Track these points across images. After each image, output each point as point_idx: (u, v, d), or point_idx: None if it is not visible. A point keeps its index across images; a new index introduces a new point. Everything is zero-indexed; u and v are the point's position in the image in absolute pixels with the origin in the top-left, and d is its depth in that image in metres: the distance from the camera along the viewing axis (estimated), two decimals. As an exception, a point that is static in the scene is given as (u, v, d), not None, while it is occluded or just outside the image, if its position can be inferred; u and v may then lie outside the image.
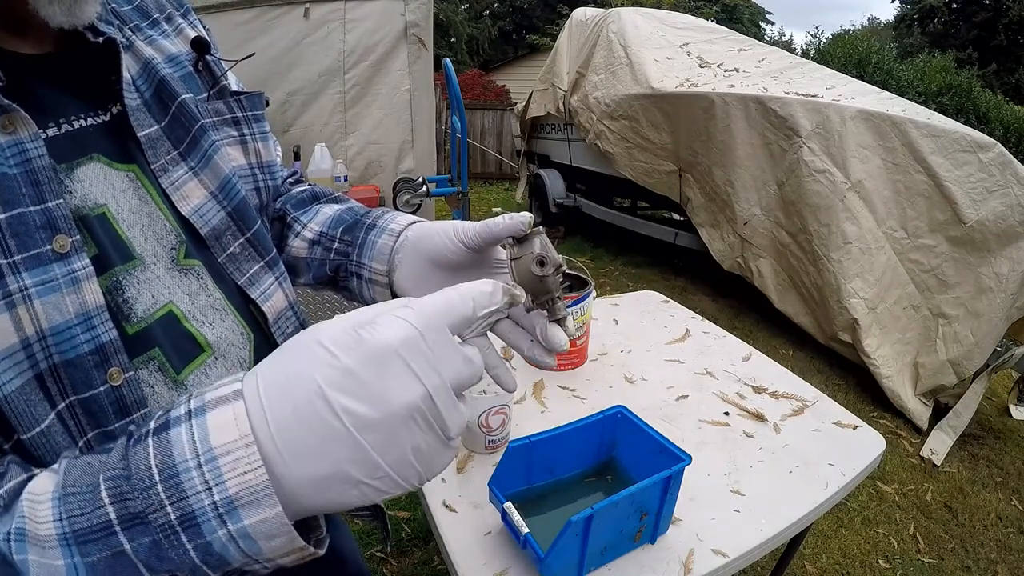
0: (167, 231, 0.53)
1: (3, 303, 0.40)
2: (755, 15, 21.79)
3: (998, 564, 2.00)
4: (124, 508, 0.32)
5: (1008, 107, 8.63)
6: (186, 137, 0.55)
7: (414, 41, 2.70)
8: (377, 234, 0.61)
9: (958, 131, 2.74)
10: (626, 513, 0.78)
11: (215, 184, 0.56)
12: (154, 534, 0.32)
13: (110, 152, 0.51)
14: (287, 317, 0.61)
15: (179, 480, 0.32)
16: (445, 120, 6.73)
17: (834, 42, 11.31)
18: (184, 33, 0.61)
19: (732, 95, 3.44)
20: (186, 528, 0.32)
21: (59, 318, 0.42)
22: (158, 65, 0.55)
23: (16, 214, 0.42)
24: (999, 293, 2.61)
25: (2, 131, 0.42)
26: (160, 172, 0.53)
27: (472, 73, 13.84)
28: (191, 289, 0.53)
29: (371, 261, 0.61)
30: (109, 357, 0.45)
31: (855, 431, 1.15)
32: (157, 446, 0.33)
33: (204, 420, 0.34)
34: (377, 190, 2.50)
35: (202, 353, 0.52)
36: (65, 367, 0.43)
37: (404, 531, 1.96)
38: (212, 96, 0.60)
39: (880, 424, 2.74)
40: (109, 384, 0.45)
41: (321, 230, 0.66)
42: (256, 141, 0.64)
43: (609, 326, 1.56)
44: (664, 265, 4.97)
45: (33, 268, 0.42)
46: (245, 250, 0.58)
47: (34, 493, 0.34)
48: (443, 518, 0.89)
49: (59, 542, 0.32)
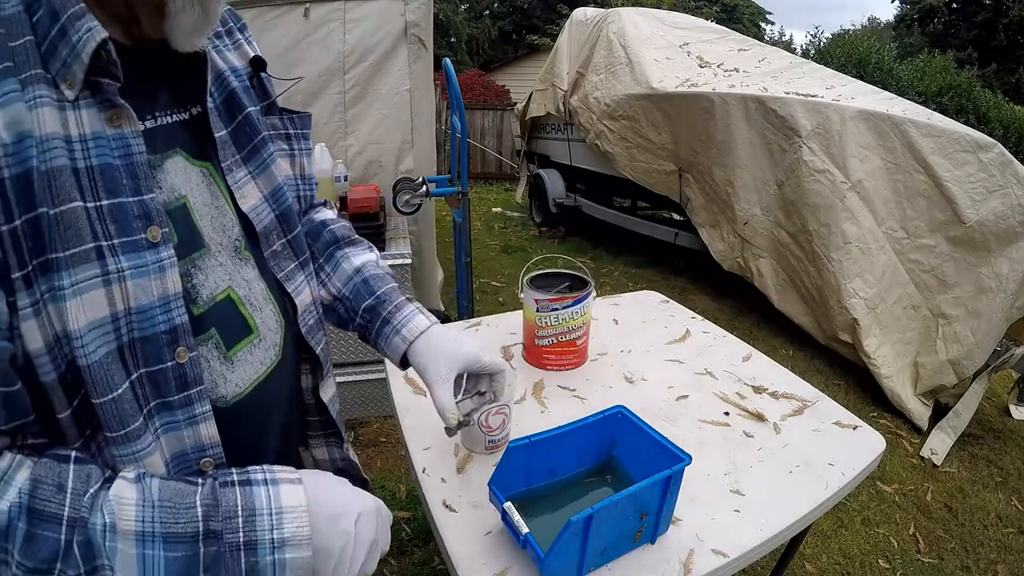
0: (232, 224, 0.61)
1: (102, 280, 0.47)
2: (755, 15, 21.78)
3: (998, 564, 2.00)
4: (207, 526, 0.47)
5: (1008, 107, 8.62)
6: (248, 144, 0.63)
7: (414, 41, 2.70)
8: (391, 333, 0.76)
9: (958, 131, 2.73)
10: (626, 513, 0.78)
11: (268, 189, 0.65)
12: (221, 547, 0.47)
13: (189, 148, 0.58)
14: (311, 311, 0.69)
15: (255, 519, 0.49)
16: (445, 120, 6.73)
17: (834, 42, 11.31)
18: (242, 49, 0.69)
19: (732, 95, 3.44)
20: (247, 549, 0.48)
21: (145, 299, 0.50)
22: (228, 77, 0.63)
23: (118, 203, 0.49)
24: (999, 293, 2.61)
25: (109, 124, 0.49)
26: (227, 171, 0.61)
27: (472, 73, 13.83)
28: (247, 277, 0.61)
29: (386, 348, 0.77)
30: (179, 338, 0.53)
31: (855, 431, 1.15)
32: (243, 494, 0.50)
33: (279, 488, 0.51)
34: (377, 190, 2.49)
35: (250, 335, 0.61)
36: (142, 343, 0.50)
37: (404, 531, 1.96)
38: (263, 110, 0.68)
39: (880, 424, 2.74)
40: (176, 361, 0.53)
41: (344, 292, 0.79)
42: (302, 156, 0.73)
43: (609, 326, 1.56)
44: (664, 265, 4.97)
45: (129, 252, 0.49)
46: (285, 249, 0.66)
47: (121, 497, 0.46)
48: (443, 518, 0.89)
49: (136, 538, 0.45)
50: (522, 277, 1.37)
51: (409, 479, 2.15)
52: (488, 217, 6.75)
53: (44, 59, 0.47)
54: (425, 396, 1.20)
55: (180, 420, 0.55)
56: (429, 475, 0.99)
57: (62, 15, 0.47)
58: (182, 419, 0.55)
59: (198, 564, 0.46)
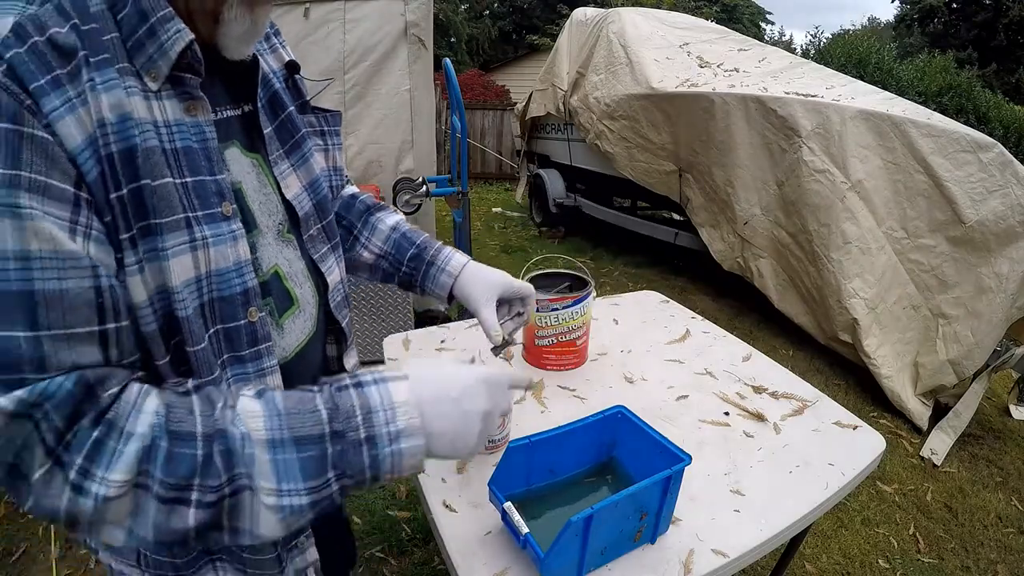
0: (277, 209, 0.68)
1: (189, 246, 0.55)
2: (755, 15, 21.78)
3: (998, 564, 2.00)
4: (331, 427, 0.53)
5: (1008, 107, 8.62)
6: (290, 140, 0.71)
7: (414, 41, 2.70)
8: (437, 272, 0.88)
9: (958, 131, 2.73)
10: (626, 513, 0.78)
11: (307, 180, 0.72)
12: (345, 445, 0.53)
13: (242, 141, 0.66)
14: (339, 289, 0.78)
15: (371, 416, 0.54)
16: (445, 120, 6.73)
17: (834, 42, 11.31)
18: (278, 53, 0.76)
19: (732, 95, 3.44)
20: (368, 444, 0.53)
21: (223, 264, 0.58)
22: (271, 78, 0.70)
23: (199, 180, 0.57)
24: (999, 293, 2.61)
25: (186, 113, 0.56)
26: (274, 163, 0.68)
27: (472, 73, 13.83)
28: (289, 256, 0.69)
29: (434, 287, 0.89)
30: (251, 299, 0.61)
31: (855, 431, 1.15)
32: (358, 395, 0.55)
33: (387, 386, 0.56)
34: (377, 190, 2.49)
35: (292, 306, 0.69)
36: (220, 302, 0.58)
37: (404, 531, 1.96)
38: (298, 108, 0.75)
39: (880, 424, 2.74)
40: (247, 320, 0.61)
41: (385, 249, 0.90)
42: (334, 150, 0.82)
43: (609, 326, 1.56)
44: (664, 265, 4.97)
45: (210, 223, 0.57)
46: (320, 234, 0.74)
47: (248, 411, 0.52)
48: (443, 518, 0.89)
49: (268, 446, 0.50)
50: (522, 277, 1.37)
51: (409, 479, 2.15)
52: (488, 217, 6.75)
53: (129, 54, 0.53)
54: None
55: (250, 372, 0.62)
56: (429, 475, 0.99)
57: (151, 16, 0.53)
58: (252, 371, 0.62)
59: (326, 461, 0.52)
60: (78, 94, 0.49)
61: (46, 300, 0.45)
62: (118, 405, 0.49)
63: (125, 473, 0.47)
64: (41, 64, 0.47)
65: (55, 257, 0.46)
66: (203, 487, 0.48)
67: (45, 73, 0.47)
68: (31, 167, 0.45)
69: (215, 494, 0.49)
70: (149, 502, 0.48)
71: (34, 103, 0.46)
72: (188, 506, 0.48)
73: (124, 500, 0.47)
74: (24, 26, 0.47)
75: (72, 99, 0.48)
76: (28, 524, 1.93)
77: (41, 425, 0.45)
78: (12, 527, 1.92)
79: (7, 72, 0.46)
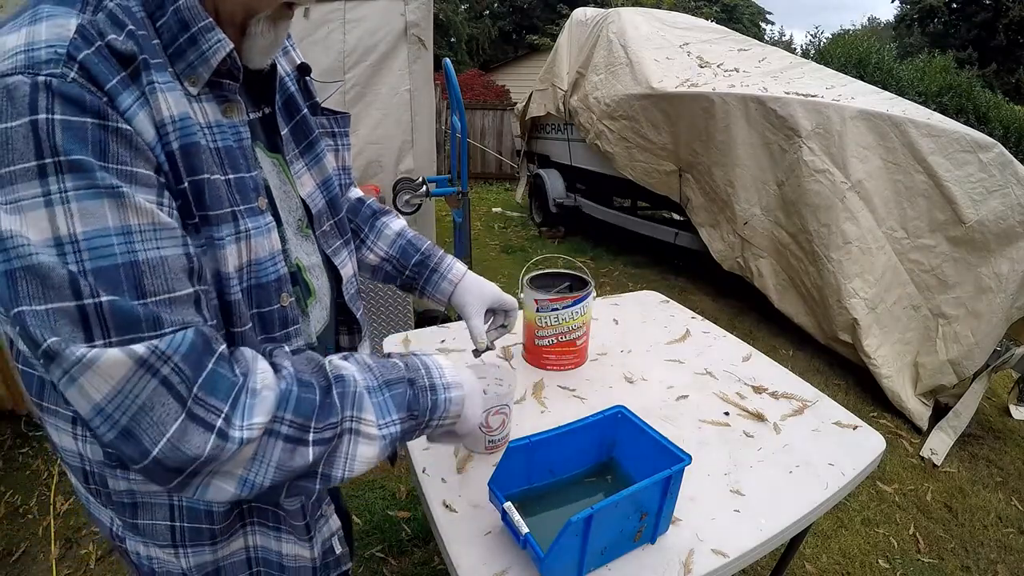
0: (296, 206, 0.73)
1: (235, 237, 0.60)
2: (755, 15, 21.78)
3: (998, 564, 2.00)
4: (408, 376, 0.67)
5: (1008, 107, 8.61)
6: (304, 141, 0.75)
7: (414, 41, 2.70)
8: (439, 279, 0.96)
9: (958, 131, 2.73)
10: (626, 513, 0.78)
11: (320, 179, 0.77)
12: (416, 390, 0.66)
13: (265, 141, 0.70)
14: (352, 282, 0.83)
15: (431, 371, 0.69)
16: (445, 120, 6.73)
17: (834, 42, 11.30)
18: (290, 56, 0.80)
19: (732, 95, 3.44)
20: (431, 390, 0.68)
21: (262, 253, 0.63)
22: (286, 82, 0.74)
23: (240, 177, 0.61)
24: (999, 293, 2.61)
25: (224, 115, 0.61)
26: (289, 162, 0.73)
27: (472, 73, 13.83)
28: (307, 251, 0.74)
29: (435, 292, 0.97)
30: (283, 286, 0.66)
31: (855, 431, 1.15)
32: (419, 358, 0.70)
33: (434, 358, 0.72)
34: (377, 190, 2.49)
35: (311, 296, 0.75)
36: (257, 288, 0.64)
37: (404, 531, 1.96)
38: (309, 110, 0.78)
39: (880, 424, 2.74)
40: (280, 304, 0.66)
41: (391, 252, 0.96)
42: (344, 150, 0.86)
43: (609, 326, 1.56)
44: (664, 265, 4.97)
45: (250, 216, 0.61)
46: (333, 230, 0.79)
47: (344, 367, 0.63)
48: (443, 518, 0.89)
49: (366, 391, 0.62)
50: (522, 277, 1.37)
51: (409, 479, 2.15)
52: (488, 217, 6.75)
53: (170, 60, 0.56)
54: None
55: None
56: (429, 475, 0.99)
57: (193, 26, 0.56)
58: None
59: (406, 398, 0.65)
60: (140, 95, 0.52)
61: (150, 268, 0.50)
62: (240, 357, 0.56)
63: (266, 416, 0.53)
64: (109, 65, 0.50)
65: (153, 228, 0.50)
66: (320, 425, 0.57)
67: (115, 74, 0.50)
68: (117, 158, 0.49)
69: (331, 431, 0.58)
70: (275, 444, 0.55)
71: (110, 100, 0.49)
72: (307, 445, 0.56)
73: (255, 444, 0.53)
74: (87, 28, 0.49)
75: (139, 99, 0.52)
76: (28, 524, 1.93)
77: (171, 378, 0.49)
78: (12, 527, 1.92)
79: (82, 72, 0.48)
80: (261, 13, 0.60)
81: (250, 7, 0.59)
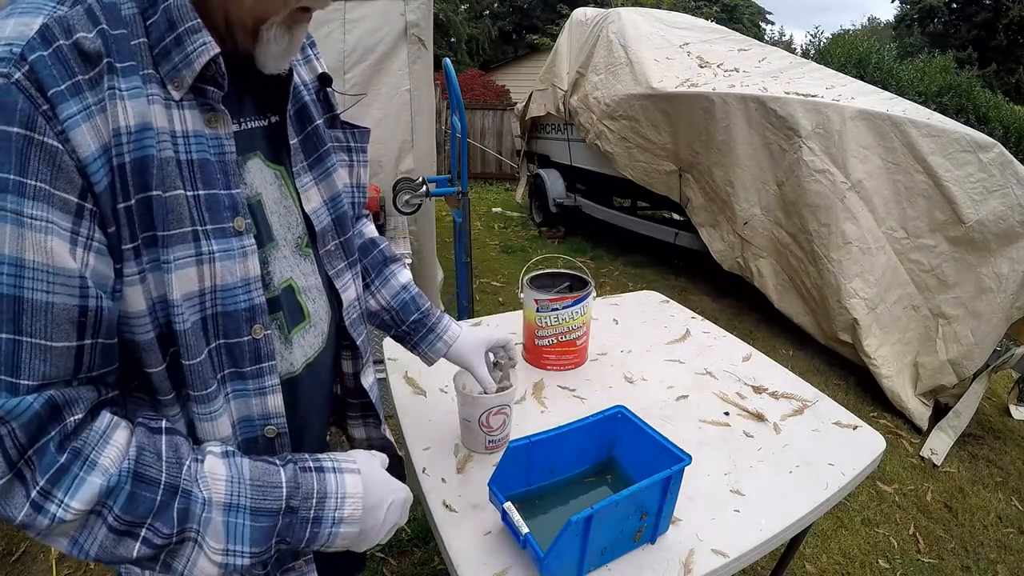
0: (297, 223, 0.69)
1: (195, 259, 0.55)
2: (755, 15, 21.77)
3: (998, 564, 2.00)
4: (288, 503, 0.59)
5: (1008, 107, 8.61)
6: (314, 153, 0.71)
7: (414, 41, 2.69)
8: (435, 339, 0.96)
9: (958, 131, 2.73)
10: (626, 513, 0.78)
11: (328, 195, 0.72)
12: (294, 519, 0.59)
13: (266, 152, 0.66)
14: (354, 306, 0.78)
15: (325, 501, 0.61)
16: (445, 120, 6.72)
17: (834, 42, 11.29)
18: (312, 64, 0.76)
19: (732, 95, 3.44)
20: (314, 523, 0.60)
21: (229, 279, 0.57)
22: (302, 90, 0.71)
23: (212, 193, 0.56)
24: (999, 293, 2.61)
25: (207, 125, 0.56)
26: (296, 175, 0.68)
27: (472, 73, 13.82)
28: (305, 271, 0.69)
29: (428, 349, 0.97)
30: (256, 316, 0.60)
31: (855, 431, 1.15)
32: (318, 479, 0.62)
33: (344, 477, 0.63)
34: (377, 190, 2.49)
35: (304, 320, 0.69)
36: (223, 317, 0.58)
37: (404, 531, 1.96)
38: (327, 122, 0.75)
39: (880, 424, 2.74)
40: (251, 336, 0.60)
41: (392, 304, 0.94)
42: (359, 167, 0.81)
43: (609, 326, 1.56)
44: (664, 265, 4.97)
45: (219, 238, 0.56)
46: (338, 249, 0.74)
47: (215, 472, 0.56)
48: (443, 518, 0.89)
49: (225, 508, 0.55)
50: (522, 277, 1.37)
51: (409, 479, 2.15)
52: (488, 217, 6.74)
53: (155, 60, 0.53)
54: (425, 396, 1.21)
55: (251, 389, 0.62)
56: (429, 475, 0.99)
57: (179, 26, 0.53)
58: (252, 388, 0.62)
59: (274, 531, 0.58)
60: (98, 101, 0.49)
61: (32, 309, 0.46)
62: (88, 433, 0.51)
63: (86, 504, 0.49)
64: (63, 68, 0.47)
65: (47, 271, 0.47)
66: (154, 529, 0.52)
67: (66, 78, 0.47)
68: (37, 175, 0.46)
69: (163, 539, 0.53)
70: (101, 527, 0.51)
71: (51, 108, 0.46)
72: (136, 540, 0.52)
73: (77, 522, 0.50)
74: (51, 28, 0.47)
75: (91, 106, 0.48)
76: (28, 524, 1.93)
77: (5, 440, 0.46)
78: (12, 527, 1.92)
79: (28, 74, 0.45)
80: (274, 18, 0.57)
81: (261, 12, 0.56)
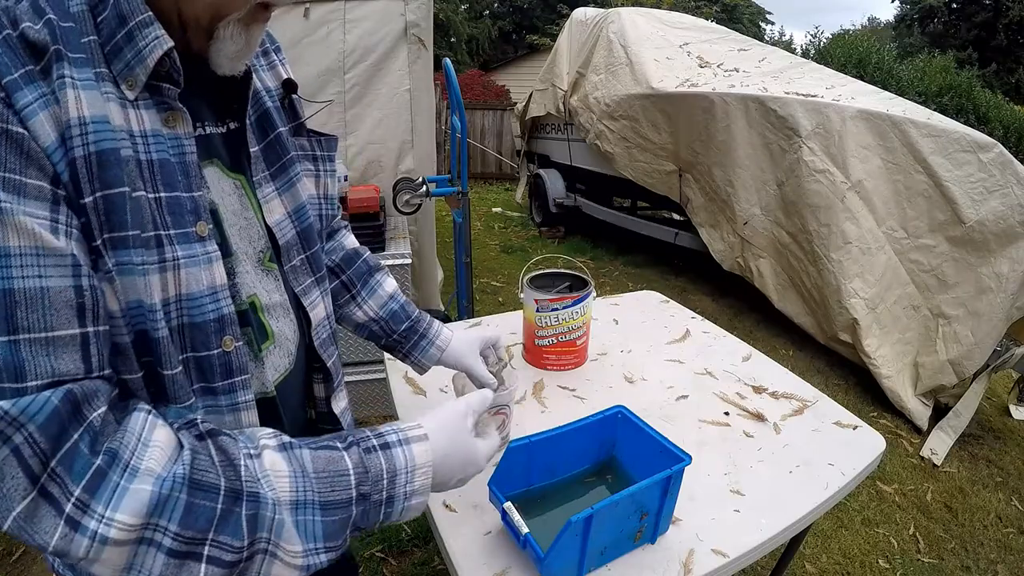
0: (259, 236, 0.64)
1: (159, 266, 0.51)
2: (755, 15, 21.78)
3: (998, 564, 2.00)
4: (359, 491, 0.54)
5: (1008, 107, 8.62)
6: (277, 162, 0.67)
7: (414, 41, 2.69)
8: (428, 345, 0.94)
9: (958, 131, 2.73)
10: (626, 513, 0.78)
11: (292, 206, 0.68)
12: (368, 506, 0.55)
13: (225, 160, 0.62)
14: (324, 325, 0.74)
15: (395, 478, 0.57)
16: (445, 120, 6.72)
17: (834, 42, 11.29)
18: (276, 70, 0.73)
19: (732, 95, 3.44)
20: (387, 503, 0.56)
21: (196, 287, 0.53)
22: (263, 96, 0.67)
23: (174, 196, 0.53)
24: (999, 293, 2.61)
25: (165, 125, 0.53)
26: (257, 185, 0.64)
27: (472, 73, 13.82)
28: (268, 287, 0.65)
29: (421, 356, 0.95)
30: (226, 327, 0.56)
31: (855, 431, 1.15)
32: (385, 458, 0.57)
33: (411, 448, 0.59)
34: (377, 190, 2.49)
35: (267, 340, 0.65)
36: (190, 328, 0.54)
37: (404, 531, 1.96)
38: (292, 130, 0.71)
39: (880, 424, 2.74)
40: (222, 349, 0.56)
41: (380, 314, 0.92)
42: (326, 177, 0.76)
43: (609, 326, 1.56)
44: (664, 265, 4.97)
45: (183, 243, 0.53)
46: (304, 265, 0.70)
47: (275, 470, 0.51)
48: (443, 518, 0.89)
49: (292, 507, 0.51)
50: (522, 277, 1.37)
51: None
52: (488, 217, 6.74)
53: (107, 59, 0.50)
54: (424, 396, 1.21)
55: (223, 406, 0.58)
56: (429, 475, 0.99)
57: (130, 21, 0.50)
58: (224, 404, 0.58)
59: (349, 521, 0.54)
60: (51, 91, 0.46)
61: (27, 299, 0.43)
62: (122, 434, 0.46)
63: (134, 517, 0.43)
64: (14, 57, 0.44)
65: (36, 252, 0.43)
66: (219, 544, 0.46)
67: (19, 66, 0.44)
68: (5, 164, 0.43)
69: (234, 554, 0.47)
70: (156, 557, 0.44)
71: (7, 96, 0.43)
72: (199, 562, 0.46)
73: (125, 549, 0.43)
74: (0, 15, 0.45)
75: (46, 94, 0.45)
76: (28, 524, 1.93)
77: (23, 450, 0.41)
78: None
79: None
80: (231, 16, 0.53)
81: (218, 9, 0.53)
